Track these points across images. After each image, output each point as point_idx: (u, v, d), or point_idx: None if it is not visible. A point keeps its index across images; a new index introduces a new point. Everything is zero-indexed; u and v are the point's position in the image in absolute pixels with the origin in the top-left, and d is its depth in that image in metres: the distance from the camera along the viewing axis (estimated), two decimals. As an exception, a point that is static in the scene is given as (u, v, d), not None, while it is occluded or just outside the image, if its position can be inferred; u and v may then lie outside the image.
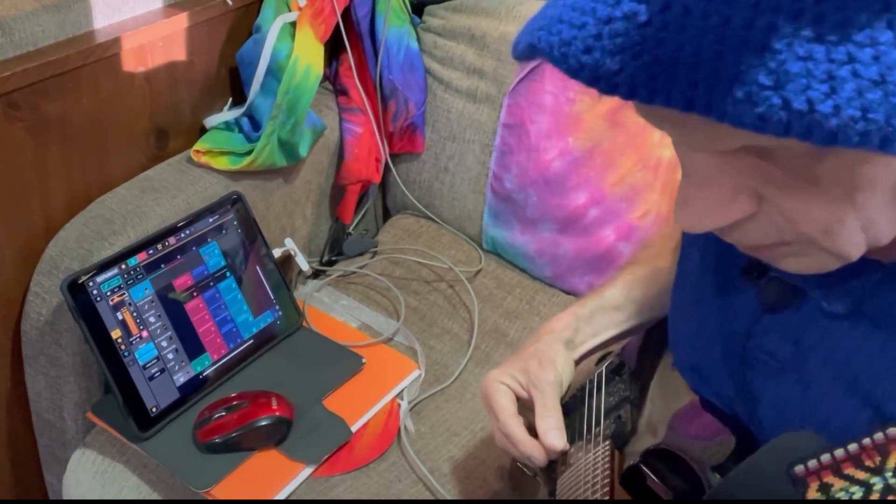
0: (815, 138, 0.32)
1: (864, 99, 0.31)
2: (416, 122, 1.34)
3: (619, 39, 0.34)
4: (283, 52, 1.15)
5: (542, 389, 0.73)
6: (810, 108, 0.32)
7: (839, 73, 0.31)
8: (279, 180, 1.23)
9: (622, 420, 0.68)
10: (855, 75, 0.31)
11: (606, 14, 0.35)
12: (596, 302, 0.79)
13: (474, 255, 1.33)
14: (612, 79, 0.35)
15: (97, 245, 1.02)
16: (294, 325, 1.13)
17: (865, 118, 0.31)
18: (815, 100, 0.32)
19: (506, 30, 1.27)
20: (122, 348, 0.96)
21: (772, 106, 0.32)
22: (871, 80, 0.31)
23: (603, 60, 0.35)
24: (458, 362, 1.13)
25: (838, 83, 0.31)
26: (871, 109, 0.31)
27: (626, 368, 0.75)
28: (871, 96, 0.31)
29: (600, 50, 0.35)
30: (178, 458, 0.94)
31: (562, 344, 0.76)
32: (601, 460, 0.65)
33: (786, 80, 0.32)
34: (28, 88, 0.96)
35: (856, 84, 0.31)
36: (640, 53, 0.34)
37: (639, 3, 0.34)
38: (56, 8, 0.99)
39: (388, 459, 0.99)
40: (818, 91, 0.31)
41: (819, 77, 0.32)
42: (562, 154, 1.22)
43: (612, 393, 0.73)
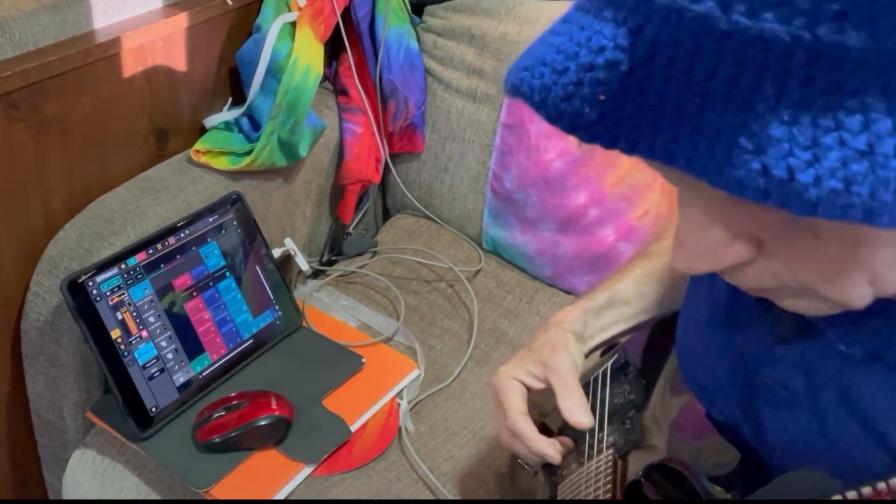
0: (794, 208, 0.30)
1: (848, 170, 0.30)
2: (415, 122, 1.34)
3: (600, 88, 0.33)
4: (283, 52, 1.15)
5: (560, 371, 0.70)
6: (790, 177, 0.30)
7: (824, 141, 0.30)
8: (279, 180, 1.23)
9: (626, 427, 0.67)
10: (841, 144, 0.30)
11: (588, 61, 0.34)
12: (605, 296, 0.78)
13: (474, 254, 1.33)
14: (592, 128, 0.34)
15: (97, 245, 1.02)
16: (294, 325, 1.13)
17: (848, 191, 0.30)
18: (796, 168, 0.30)
19: (506, 30, 1.27)
20: (122, 348, 0.96)
21: (750, 171, 0.30)
22: (857, 150, 0.30)
23: (582, 109, 0.34)
24: (458, 362, 1.13)
25: (822, 151, 0.30)
26: (854, 182, 0.30)
27: (631, 368, 0.73)
28: (857, 168, 0.29)
29: (580, 98, 0.34)
30: (177, 458, 0.94)
31: (571, 334, 0.75)
32: (603, 470, 0.64)
33: (767, 145, 0.30)
34: (28, 88, 0.96)
35: (841, 153, 0.30)
36: (621, 104, 0.33)
37: (622, 51, 0.33)
38: (56, 8, 0.99)
39: (387, 459, 0.99)
40: (800, 159, 0.30)
41: (802, 144, 0.30)
42: (562, 154, 1.22)
43: (617, 394, 0.72)
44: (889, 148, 0.29)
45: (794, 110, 0.30)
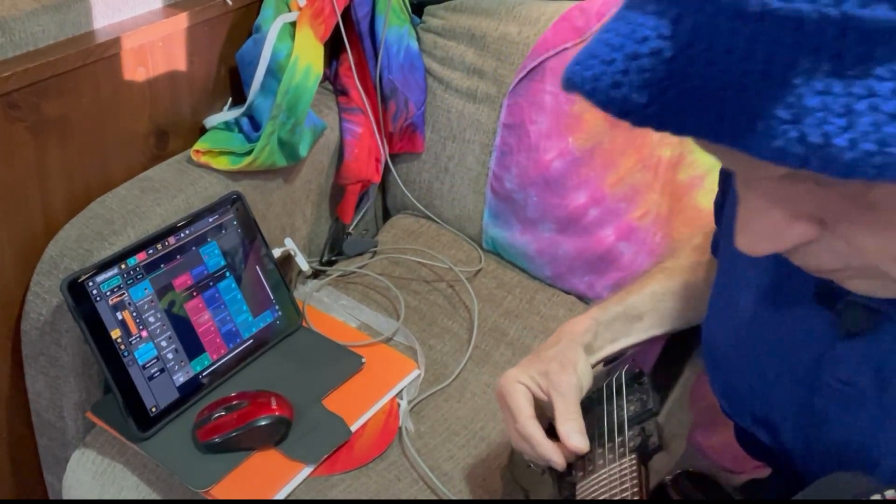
0: (832, 171, 0.32)
1: (881, 133, 0.31)
2: (416, 122, 1.34)
3: (647, 75, 0.35)
4: (283, 52, 1.15)
5: (563, 393, 0.72)
6: (826, 142, 0.32)
7: (857, 107, 0.31)
8: (279, 180, 1.23)
9: (647, 434, 0.67)
10: (873, 109, 0.31)
11: (633, 51, 0.36)
12: (618, 308, 0.78)
13: (474, 254, 1.33)
14: (642, 111, 0.36)
15: (97, 245, 1.02)
16: (294, 325, 1.13)
17: (882, 152, 0.31)
18: (832, 133, 0.32)
19: (506, 30, 1.27)
20: (122, 348, 0.96)
21: (789, 139, 0.32)
22: (889, 113, 0.31)
23: (630, 95, 0.36)
24: (458, 362, 1.13)
25: (855, 117, 0.31)
26: (888, 143, 0.31)
27: (645, 378, 0.73)
28: (889, 130, 0.31)
29: (628, 85, 0.36)
30: (177, 458, 0.94)
31: (581, 348, 0.76)
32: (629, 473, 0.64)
33: (803, 114, 0.32)
34: (28, 88, 0.96)
35: (873, 118, 0.31)
36: (667, 88, 0.35)
37: (664, 40, 0.35)
38: (56, 8, 0.99)
39: (387, 459, 0.99)
40: (834, 125, 0.32)
41: (836, 111, 0.32)
42: (562, 154, 1.22)
43: (633, 401, 0.72)
44: None
45: (828, 81, 0.32)
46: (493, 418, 1.04)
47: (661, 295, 0.78)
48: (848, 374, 0.52)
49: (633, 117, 0.36)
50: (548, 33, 1.23)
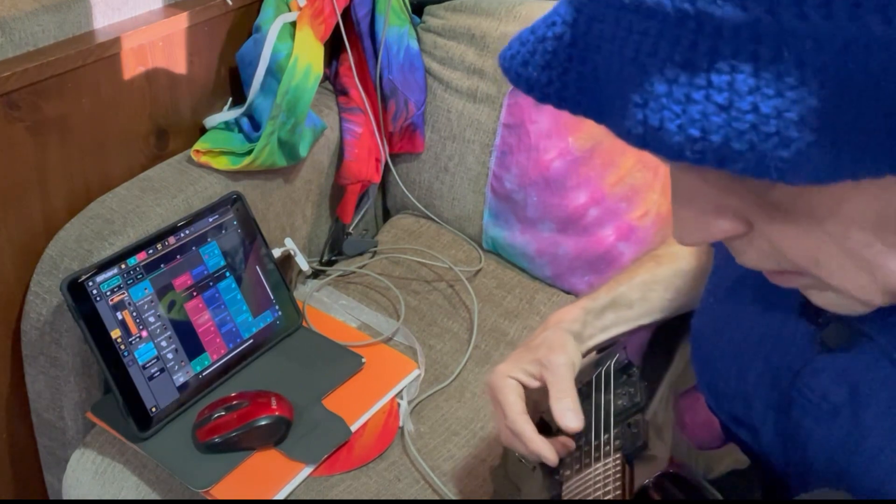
0: (664, 153, 0.35)
1: (707, 121, 0.33)
2: (416, 122, 1.34)
3: (549, 57, 0.39)
4: (283, 52, 1.15)
5: (556, 371, 0.71)
6: (660, 126, 0.34)
7: (694, 96, 0.34)
8: (279, 180, 1.23)
9: (633, 431, 0.66)
10: (706, 98, 0.33)
11: (542, 34, 0.40)
12: (608, 297, 0.78)
13: (474, 254, 1.33)
14: (544, 89, 0.40)
15: (97, 245, 1.02)
16: (294, 325, 1.13)
17: (704, 139, 0.33)
18: (666, 118, 0.34)
19: (506, 30, 1.27)
20: (122, 348, 0.96)
21: (635, 121, 0.35)
22: (717, 104, 0.33)
23: (534, 74, 0.40)
24: (458, 362, 1.13)
25: (689, 105, 0.34)
26: (710, 132, 0.33)
27: (634, 369, 0.73)
28: (715, 119, 0.33)
29: (533, 65, 0.40)
30: (177, 458, 0.94)
31: (570, 335, 0.75)
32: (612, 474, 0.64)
33: (650, 99, 0.35)
34: (28, 88, 0.96)
35: (703, 107, 0.33)
36: (566, 70, 0.39)
37: (567, 26, 0.39)
38: (56, 8, 0.99)
39: (387, 459, 0.99)
40: (670, 111, 0.34)
41: (676, 98, 0.34)
42: (562, 154, 1.22)
43: (621, 395, 0.71)
44: (746, 104, 0.33)
45: (677, 70, 0.34)
46: (492, 418, 1.04)
47: (651, 283, 0.78)
48: (824, 388, 0.52)
49: (536, 94, 0.40)
50: (548, 33, 1.23)
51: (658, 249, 0.82)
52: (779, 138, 0.33)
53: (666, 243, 0.83)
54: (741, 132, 0.33)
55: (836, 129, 0.33)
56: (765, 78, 0.33)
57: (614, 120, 0.37)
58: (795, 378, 0.54)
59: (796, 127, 0.33)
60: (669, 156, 0.34)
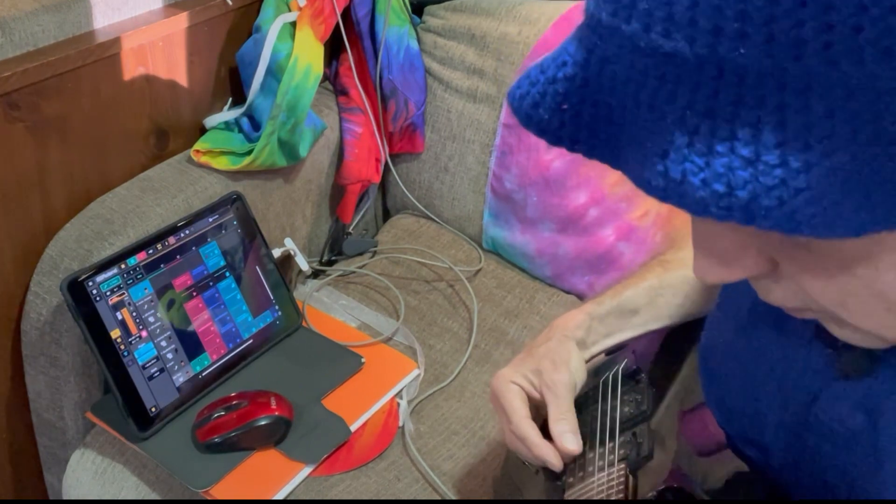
0: (687, 207, 0.33)
1: (733, 175, 0.32)
2: (416, 122, 1.34)
3: (560, 98, 0.38)
4: (283, 52, 1.15)
5: (556, 392, 0.71)
6: (683, 179, 0.33)
7: (717, 148, 0.32)
8: (279, 180, 1.23)
9: (638, 441, 0.66)
10: (730, 151, 0.32)
11: (552, 75, 0.38)
12: (613, 302, 0.77)
13: (474, 254, 1.33)
14: (556, 133, 0.38)
15: (97, 245, 1.02)
16: (293, 325, 1.13)
17: (730, 194, 0.32)
18: (688, 171, 0.32)
19: (506, 30, 1.27)
20: (122, 348, 0.96)
21: (655, 172, 0.34)
22: (744, 157, 0.31)
23: (545, 116, 0.38)
24: (458, 361, 1.13)
25: (713, 158, 0.32)
26: (737, 186, 0.32)
27: (642, 376, 0.72)
28: (741, 174, 0.32)
29: (544, 107, 0.38)
30: (177, 458, 0.94)
31: (574, 343, 0.74)
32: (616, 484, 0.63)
33: (670, 150, 0.33)
34: (28, 88, 0.96)
35: (728, 160, 0.32)
36: (579, 113, 0.37)
37: (579, 67, 0.37)
38: (56, 8, 0.99)
39: (387, 459, 0.99)
40: (694, 164, 0.32)
41: (699, 150, 0.32)
42: (562, 154, 1.22)
43: (628, 402, 0.71)
44: (773, 157, 0.31)
45: (698, 120, 0.32)
46: (492, 418, 1.04)
47: (658, 288, 0.77)
48: (842, 414, 0.51)
49: (548, 137, 0.39)
50: (548, 33, 1.23)
51: (666, 254, 0.81)
52: (810, 193, 0.31)
53: (674, 248, 0.81)
54: (769, 188, 0.31)
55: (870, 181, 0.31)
56: (793, 129, 0.31)
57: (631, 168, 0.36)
58: (812, 403, 0.53)
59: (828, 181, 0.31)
60: (693, 211, 0.33)
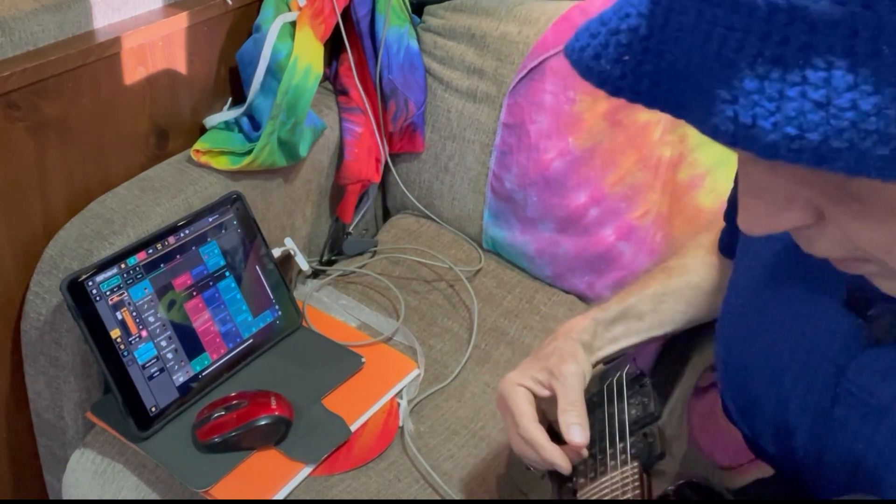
0: (757, 151, 0.34)
1: (804, 118, 0.32)
2: (416, 121, 1.34)
3: (623, 49, 0.38)
4: (283, 52, 1.15)
5: (566, 382, 0.71)
6: (753, 123, 0.33)
7: (788, 93, 0.33)
8: (279, 180, 1.23)
9: (649, 441, 0.66)
10: (802, 96, 0.33)
11: (615, 26, 0.39)
12: (618, 308, 0.77)
13: (474, 254, 1.33)
14: (617, 83, 0.39)
15: (97, 245, 1.02)
16: (293, 325, 1.13)
17: (801, 136, 0.33)
18: (759, 115, 0.33)
19: (506, 30, 1.27)
20: (122, 348, 0.96)
21: (724, 118, 0.34)
22: (815, 101, 0.32)
23: (607, 66, 0.39)
24: (458, 361, 1.13)
25: (784, 102, 0.33)
26: (807, 129, 0.32)
27: (646, 380, 0.72)
28: (812, 117, 0.32)
29: (605, 57, 0.39)
30: (177, 458, 0.94)
31: (580, 344, 0.75)
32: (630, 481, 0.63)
33: (740, 96, 0.34)
34: (28, 88, 0.96)
35: (800, 104, 0.33)
36: (640, 63, 0.38)
37: (642, 18, 0.38)
38: (56, 8, 0.99)
39: (387, 459, 0.99)
40: (764, 108, 0.33)
41: (770, 95, 0.33)
42: (562, 154, 1.22)
43: (634, 405, 0.71)
44: (845, 101, 0.32)
45: (769, 66, 0.33)
46: (493, 418, 1.04)
47: (662, 295, 0.77)
48: (872, 383, 0.51)
49: (609, 87, 0.39)
50: (548, 33, 1.23)
51: (670, 261, 0.82)
52: (878, 136, 0.32)
53: (677, 255, 0.82)
54: (841, 130, 0.32)
55: None
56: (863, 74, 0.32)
57: (697, 116, 0.36)
58: (840, 374, 0.53)
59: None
60: (763, 154, 0.34)
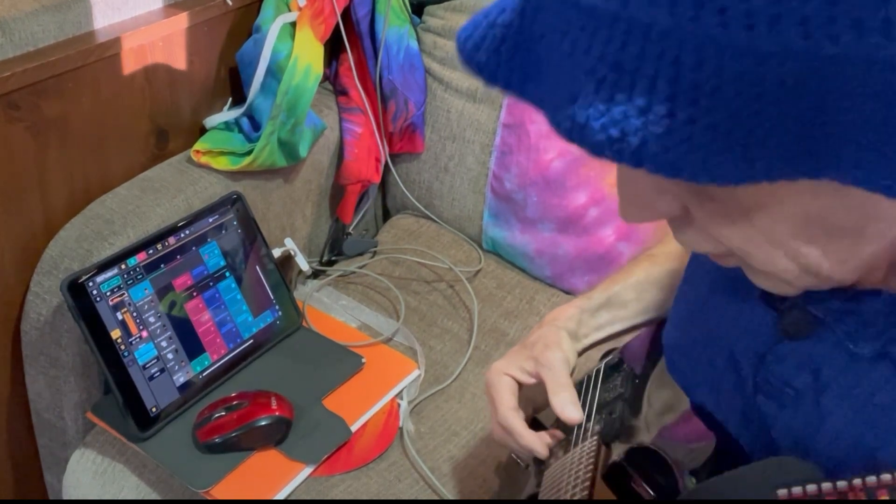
0: (587, 148, 0.36)
1: (626, 123, 0.34)
2: (415, 122, 1.34)
3: (497, 42, 0.41)
4: (283, 52, 1.15)
5: (551, 367, 0.72)
6: (585, 123, 0.36)
7: (617, 98, 0.35)
8: (279, 180, 1.23)
9: (613, 416, 0.68)
10: (629, 101, 0.34)
11: (493, 20, 0.41)
12: (603, 296, 0.79)
13: (474, 255, 1.33)
14: (493, 73, 0.41)
15: (97, 245, 1.02)
16: (294, 325, 1.13)
17: (623, 140, 0.35)
18: (591, 116, 0.35)
19: (506, 30, 1.27)
20: (122, 348, 0.96)
21: (565, 115, 0.37)
22: (638, 106, 0.34)
23: (483, 57, 0.41)
24: (458, 362, 1.13)
25: (613, 105, 0.35)
26: (629, 133, 0.34)
27: (624, 366, 0.74)
28: (634, 121, 0.34)
29: (484, 49, 0.41)
30: (177, 458, 0.94)
31: (565, 332, 0.76)
32: (586, 455, 0.65)
33: (579, 96, 0.36)
34: (28, 88, 0.96)
35: (625, 108, 0.34)
36: (513, 56, 0.40)
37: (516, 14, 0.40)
38: (56, 8, 0.99)
39: (387, 459, 0.99)
40: (597, 109, 0.35)
41: (602, 98, 0.35)
42: (562, 154, 1.22)
43: (609, 389, 0.73)
44: (663, 108, 0.34)
45: (607, 70, 0.35)
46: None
47: (646, 283, 0.79)
48: (787, 375, 0.53)
49: (485, 76, 0.42)
50: (548, 33, 1.23)
51: (654, 249, 0.83)
52: (690, 144, 0.34)
53: (662, 242, 0.84)
54: (657, 135, 0.34)
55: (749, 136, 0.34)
56: (683, 84, 0.34)
57: (550, 111, 0.38)
58: (760, 364, 0.55)
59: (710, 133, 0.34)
60: (592, 152, 0.36)
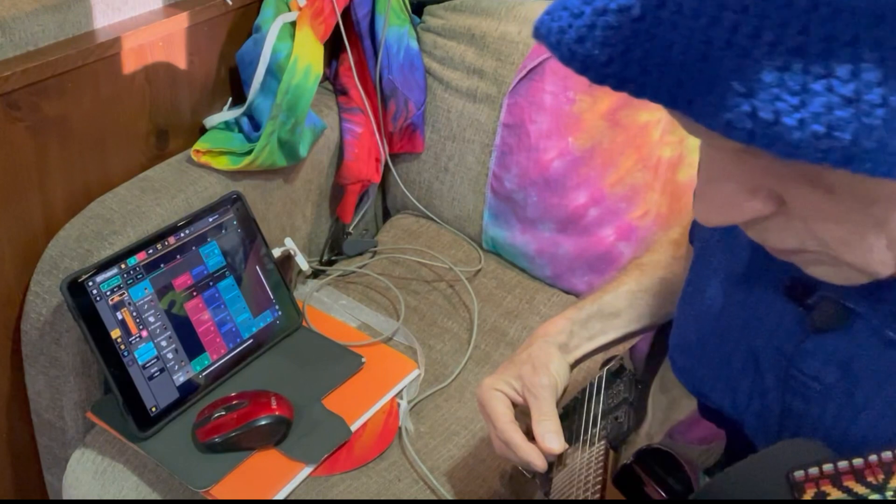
0: (777, 150, 0.31)
1: (832, 115, 0.30)
2: (415, 121, 1.34)
3: (612, 32, 0.34)
4: (283, 52, 1.15)
5: (537, 394, 0.72)
6: (776, 120, 0.31)
7: (813, 87, 0.30)
8: (279, 180, 1.23)
9: (619, 421, 0.68)
10: (828, 90, 0.30)
11: (602, 5, 0.35)
12: (593, 307, 0.79)
13: (474, 254, 1.33)
14: (602, 69, 0.35)
15: (97, 245, 1.02)
16: (294, 325, 1.13)
17: (830, 135, 0.30)
18: (782, 111, 0.31)
19: (506, 30, 1.27)
20: (122, 348, 0.96)
21: (739, 113, 0.32)
22: (843, 97, 0.30)
23: (593, 51, 0.35)
24: (458, 362, 1.13)
25: (809, 97, 0.30)
26: (837, 127, 0.30)
27: (626, 371, 0.74)
28: (841, 114, 0.30)
29: (592, 41, 0.35)
30: (177, 458, 0.94)
31: (555, 348, 0.76)
32: (595, 460, 0.65)
33: (758, 89, 0.31)
34: (28, 88, 0.96)
35: (827, 99, 0.30)
36: (630, 47, 0.34)
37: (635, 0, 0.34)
38: (56, 8, 0.99)
39: (387, 459, 0.99)
40: (787, 103, 0.31)
41: (791, 89, 0.31)
42: (562, 154, 1.22)
43: (612, 395, 0.72)
44: (876, 97, 0.30)
45: (788, 57, 0.30)
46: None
47: (637, 292, 0.78)
48: (815, 369, 0.51)
49: (593, 74, 0.36)
50: (548, 33, 1.23)
51: (642, 258, 0.83)
52: None
53: (649, 251, 0.83)
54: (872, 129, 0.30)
55: None
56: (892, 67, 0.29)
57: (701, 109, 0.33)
58: (784, 361, 0.53)
59: None
60: (783, 153, 0.31)
